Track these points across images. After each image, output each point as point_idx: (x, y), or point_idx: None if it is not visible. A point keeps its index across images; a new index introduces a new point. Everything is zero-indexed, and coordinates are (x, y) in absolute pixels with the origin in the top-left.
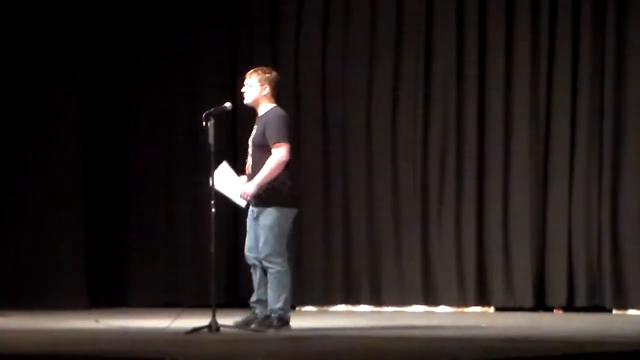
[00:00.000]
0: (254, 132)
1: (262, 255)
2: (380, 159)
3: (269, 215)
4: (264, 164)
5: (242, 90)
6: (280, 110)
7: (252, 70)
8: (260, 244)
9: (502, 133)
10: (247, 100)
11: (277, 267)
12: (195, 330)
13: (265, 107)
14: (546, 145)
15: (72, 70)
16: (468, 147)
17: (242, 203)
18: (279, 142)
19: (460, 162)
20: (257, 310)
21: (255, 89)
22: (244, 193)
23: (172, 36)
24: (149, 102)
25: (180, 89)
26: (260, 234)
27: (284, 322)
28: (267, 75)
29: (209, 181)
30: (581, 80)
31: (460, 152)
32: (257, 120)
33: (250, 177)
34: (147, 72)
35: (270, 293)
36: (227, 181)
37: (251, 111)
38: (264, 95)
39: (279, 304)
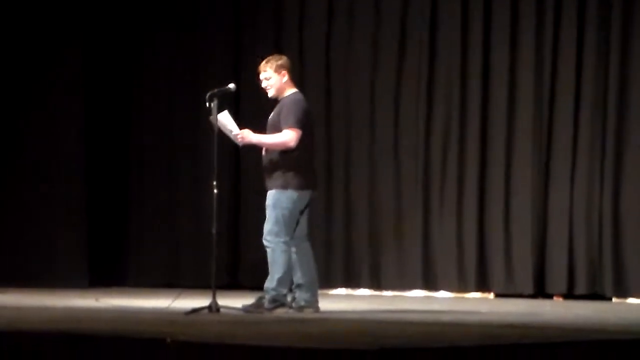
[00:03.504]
0: (272, 113)
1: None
2: (382, 145)
3: (271, 196)
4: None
5: (263, 85)
6: (299, 96)
7: (263, 63)
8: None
9: (505, 122)
10: (271, 93)
11: (271, 246)
12: (196, 310)
13: (287, 92)
14: (549, 134)
15: (75, 54)
16: (471, 135)
17: (238, 142)
18: (291, 127)
19: (463, 148)
20: (296, 295)
21: (274, 79)
22: (243, 137)
23: (176, 19)
24: (152, 83)
25: (184, 70)
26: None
27: (277, 303)
28: (280, 61)
29: (212, 125)
30: (585, 73)
31: (463, 139)
32: (278, 104)
33: (266, 156)
34: (151, 56)
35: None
36: (228, 122)
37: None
38: (285, 82)
39: (272, 284)
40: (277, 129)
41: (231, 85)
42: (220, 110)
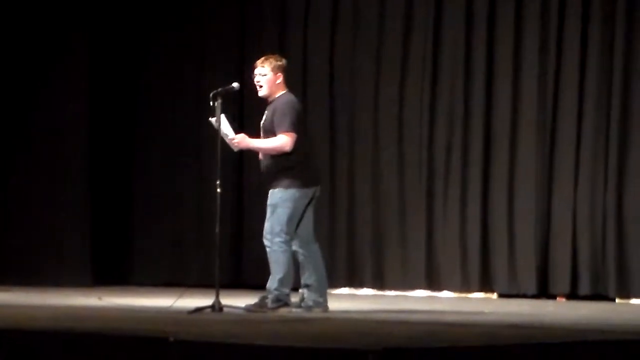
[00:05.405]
0: (264, 117)
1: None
2: (386, 143)
3: (273, 195)
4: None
5: (256, 81)
6: (290, 97)
7: (262, 59)
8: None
9: (509, 120)
10: (263, 92)
11: (272, 247)
12: (199, 309)
13: (278, 94)
14: (552, 133)
15: (81, 54)
16: (474, 133)
17: (234, 147)
18: (286, 131)
19: (466, 148)
20: (305, 295)
21: (269, 77)
22: (238, 142)
23: (182, 19)
24: (156, 82)
25: (189, 67)
26: None
27: (280, 302)
28: (279, 62)
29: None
30: (589, 71)
31: (467, 138)
32: (268, 106)
33: (262, 160)
34: (156, 54)
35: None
36: (223, 126)
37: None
38: (278, 84)
39: (274, 284)
40: (272, 133)
41: (235, 85)
42: (223, 110)
